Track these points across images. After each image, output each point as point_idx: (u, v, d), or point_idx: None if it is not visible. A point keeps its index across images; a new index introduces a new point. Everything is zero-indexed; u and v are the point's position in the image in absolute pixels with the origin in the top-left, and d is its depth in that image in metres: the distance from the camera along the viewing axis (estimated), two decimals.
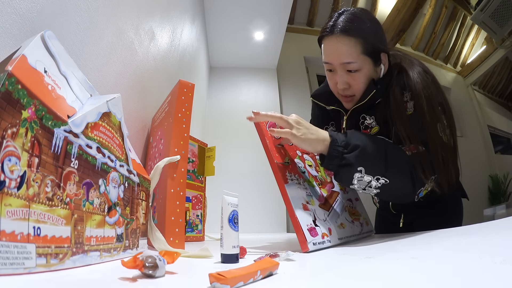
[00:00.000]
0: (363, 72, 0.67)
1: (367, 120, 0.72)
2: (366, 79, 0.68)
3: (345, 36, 0.65)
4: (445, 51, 4.34)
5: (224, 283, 0.23)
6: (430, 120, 0.61)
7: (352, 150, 0.55)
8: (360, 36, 0.64)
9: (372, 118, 0.72)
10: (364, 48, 0.65)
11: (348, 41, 0.64)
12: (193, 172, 1.01)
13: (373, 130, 0.72)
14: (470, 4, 3.64)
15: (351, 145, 0.56)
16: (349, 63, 0.66)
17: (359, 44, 0.64)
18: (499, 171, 3.69)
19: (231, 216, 0.41)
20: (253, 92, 2.92)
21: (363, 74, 0.67)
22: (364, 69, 0.67)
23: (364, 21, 0.66)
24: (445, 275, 0.24)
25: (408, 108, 0.64)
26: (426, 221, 0.71)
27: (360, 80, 0.68)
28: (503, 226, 0.45)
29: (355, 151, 0.55)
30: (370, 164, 0.55)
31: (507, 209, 2.87)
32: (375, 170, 0.55)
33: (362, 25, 0.65)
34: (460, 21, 4.03)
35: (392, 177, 0.56)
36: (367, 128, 0.73)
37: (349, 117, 0.77)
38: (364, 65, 0.66)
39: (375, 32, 0.67)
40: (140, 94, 0.87)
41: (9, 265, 0.23)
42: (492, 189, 3.63)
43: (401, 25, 3.41)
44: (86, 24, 0.56)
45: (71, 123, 0.32)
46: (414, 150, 0.59)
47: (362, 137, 0.58)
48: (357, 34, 0.64)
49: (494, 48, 3.83)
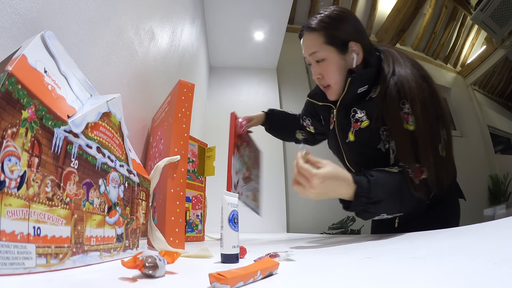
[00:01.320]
0: (329, 61, 0.75)
1: (358, 114, 0.75)
2: (334, 67, 0.75)
3: (309, 32, 0.76)
4: (445, 51, 4.34)
5: (224, 283, 0.23)
6: (432, 142, 0.64)
7: (377, 203, 0.59)
8: (321, 29, 0.74)
9: (363, 112, 0.74)
10: (326, 38, 0.74)
11: (311, 35, 0.75)
12: (193, 172, 1.01)
13: (363, 124, 0.74)
14: (470, 4, 3.64)
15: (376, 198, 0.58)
16: (314, 53, 0.75)
17: (321, 36, 0.74)
18: (499, 171, 3.69)
19: (231, 216, 0.41)
20: (253, 92, 2.92)
21: (330, 62, 0.75)
22: (329, 58, 0.74)
23: (328, 16, 0.75)
24: (445, 275, 0.24)
25: (410, 122, 0.64)
26: (422, 222, 0.71)
27: (328, 69, 0.75)
28: (503, 226, 0.45)
29: (379, 203, 0.59)
30: (391, 209, 0.62)
31: (507, 209, 2.87)
32: (394, 211, 0.63)
33: (324, 19, 0.74)
34: (460, 21, 4.03)
35: (406, 210, 0.64)
36: (357, 121, 0.75)
37: (338, 110, 0.81)
38: (328, 54, 0.74)
39: (339, 23, 0.75)
40: (140, 94, 0.87)
41: (9, 265, 0.23)
42: (492, 189, 3.63)
43: (401, 25, 3.42)
44: (86, 24, 0.56)
45: (71, 123, 0.32)
46: (419, 175, 0.62)
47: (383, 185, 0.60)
48: (318, 28, 0.74)
49: (494, 48, 3.83)
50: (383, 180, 0.61)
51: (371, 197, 0.58)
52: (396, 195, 0.60)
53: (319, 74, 0.77)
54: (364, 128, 0.73)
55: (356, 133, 0.75)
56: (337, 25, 0.75)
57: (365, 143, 0.74)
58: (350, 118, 0.77)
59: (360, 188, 0.58)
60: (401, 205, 0.62)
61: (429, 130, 0.64)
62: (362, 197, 0.58)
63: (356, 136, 0.76)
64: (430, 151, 0.63)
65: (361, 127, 0.74)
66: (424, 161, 0.62)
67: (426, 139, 0.63)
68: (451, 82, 4.27)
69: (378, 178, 0.60)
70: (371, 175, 0.60)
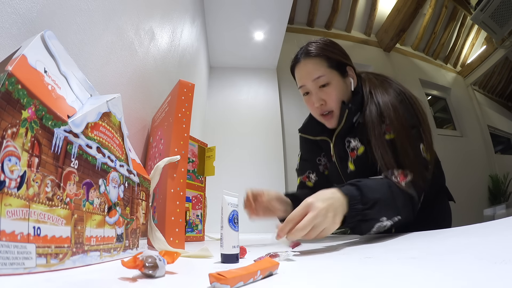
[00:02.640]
0: (333, 85, 0.74)
1: (352, 143, 0.75)
2: (338, 91, 0.74)
3: (309, 58, 0.76)
4: (445, 51, 4.34)
5: (224, 283, 0.23)
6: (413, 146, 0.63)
7: (373, 205, 0.53)
8: (321, 54, 0.75)
9: (356, 139, 0.74)
10: (328, 62, 0.75)
11: (313, 60, 0.75)
12: (193, 172, 1.01)
13: (359, 151, 0.74)
14: (470, 4, 3.64)
15: (371, 200, 0.53)
16: (319, 77, 0.74)
17: (323, 60, 0.75)
18: (499, 171, 3.69)
19: (231, 216, 0.41)
20: (253, 92, 2.92)
21: (334, 87, 0.74)
22: (334, 82, 0.74)
23: (323, 43, 0.77)
24: (445, 275, 0.24)
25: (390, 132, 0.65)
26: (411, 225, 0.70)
27: (333, 93, 0.74)
28: (503, 226, 0.45)
29: (376, 205, 0.53)
30: (390, 211, 0.56)
31: (507, 209, 2.86)
32: (393, 214, 0.56)
33: (321, 46, 0.76)
34: (460, 21, 4.03)
35: (403, 213, 0.58)
36: (353, 150, 0.75)
37: (335, 144, 0.80)
38: (332, 77, 0.74)
39: (334, 49, 0.77)
40: (140, 94, 0.87)
41: (9, 265, 0.23)
42: (492, 189, 3.63)
43: (401, 25, 3.42)
44: (86, 24, 0.56)
45: (71, 123, 0.32)
46: (403, 179, 0.60)
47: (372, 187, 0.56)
48: (318, 54, 0.75)
49: (494, 48, 3.83)
50: (370, 182, 0.57)
51: (366, 202, 0.53)
52: (388, 194, 0.56)
53: (322, 100, 0.75)
54: (361, 154, 0.73)
55: (355, 162, 0.75)
56: (334, 50, 0.77)
57: (366, 172, 0.68)
58: (346, 149, 0.77)
59: (351, 196, 0.53)
60: (396, 204, 0.57)
61: (408, 135, 0.64)
62: (356, 205, 0.52)
63: (356, 165, 0.75)
64: (412, 154, 0.62)
65: (358, 155, 0.74)
66: (406, 165, 0.61)
67: (406, 143, 0.63)
68: (451, 82, 4.27)
69: (365, 182, 0.57)
70: (358, 181, 0.56)
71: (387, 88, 0.73)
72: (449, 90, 4.14)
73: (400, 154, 0.62)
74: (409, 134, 0.64)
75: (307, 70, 0.76)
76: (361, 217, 0.53)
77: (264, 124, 2.77)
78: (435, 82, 4.04)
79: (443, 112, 4.12)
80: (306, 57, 0.76)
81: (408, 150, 0.62)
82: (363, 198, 0.53)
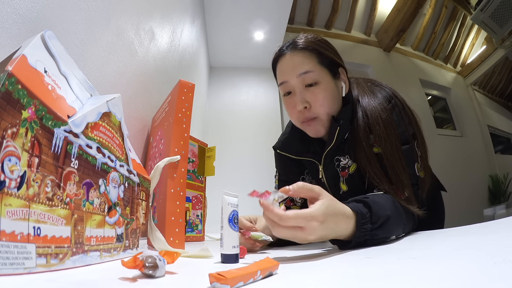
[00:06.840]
0: (322, 85, 0.62)
1: (342, 161, 0.67)
2: (328, 93, 0.63)
3: (297, 50, 0.63)
4: (445, 51, 4.34)
5: (224, 283, 0.23)
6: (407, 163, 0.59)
7: (384, 224, 0.47)
8: (311, 47, 0.63)
9: (346, 157, 0.67)
10: (319, 58, 0.63)
11: (302, 53, 0.63)
12: (193, 172, 1.01)
13: (351, 169, 0.66)
14: (470, 4, 3.64)
15: (381, 219, 0.47)
16: (306, 72, 0.62)
17: (313, 54, 0.63)
18: (499, 171, 3.69)
19: (231, 216, 0.41)
20: (253, 92, 2.93)
21: (323, 88, 0.62)
22: (323, 82, 0.63)
23: (313, 37, 0.66)
24: (444, 275, 0.24)
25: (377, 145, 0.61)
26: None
27: (321, 95, 0.62)
28: (503, 226, 0.45)
29: (387, 223, 0.48)
30: (397, 227, 0.51)
31: (507, 209, 2.87)
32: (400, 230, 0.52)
33: (311, 39, 0.65)
34: (460, 21, 4.03)
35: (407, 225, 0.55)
36: (344, 169, 0.67)
37: (325, 165, 0.70)
38: (322, 76, 0.63)
39: (326, 45, 0.66)
40: (140, 94, 0.87)
41: (9, 265, 0.23)
42: (492, 189, 3.63)
43: (401, 25, 3.42)
44: (86, 24, 0.56)
45: (71, 123, 0.32)
46: (401, 196, 0.56)
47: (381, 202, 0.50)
48: (308, 47, 0.63)
49: (494, 48, 3.83)
50: (377, 197, 0.51)
51: (375, 220, 0.46)
52: (395, 209, 0.52)
53: (306, 102, 0.63)
54: (353, 173, 0.66)
55: (347, 182, 0.68)
56: (326, 46, 0.65)
57: (359, 190, 0.64)
58: (336, 169, 0.68)
59: (360, 215, 0.46)
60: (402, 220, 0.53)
61: (397, 151, 0.58)
62: (365, 225, 0.46)
63: (348, 185, 0.68)
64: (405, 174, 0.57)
65: (350, 173, 0.67)
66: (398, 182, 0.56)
67: (398, 162, 0.58)
68: (451, 82, 4.27)
69: (372, 197, 0.50)
70: (366, 197, 0.50)
71: (377, 94, 0.66)
72: (449, 90, 4.14)
73: (394, 173, 0.57)
74: (401, 152, 0.59)
75: (293, 62, 0.63)
76: (369, 237, 0.47)
77: (264, 124, 2.77)
78: (435, 82, 4.04)
79: (443, 112, 4.12)
80: (294, 49, 0.64)
81: (399, 169, 0.57)
82: (372, 216, 0.47)
